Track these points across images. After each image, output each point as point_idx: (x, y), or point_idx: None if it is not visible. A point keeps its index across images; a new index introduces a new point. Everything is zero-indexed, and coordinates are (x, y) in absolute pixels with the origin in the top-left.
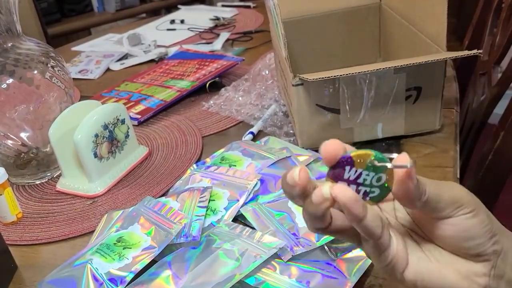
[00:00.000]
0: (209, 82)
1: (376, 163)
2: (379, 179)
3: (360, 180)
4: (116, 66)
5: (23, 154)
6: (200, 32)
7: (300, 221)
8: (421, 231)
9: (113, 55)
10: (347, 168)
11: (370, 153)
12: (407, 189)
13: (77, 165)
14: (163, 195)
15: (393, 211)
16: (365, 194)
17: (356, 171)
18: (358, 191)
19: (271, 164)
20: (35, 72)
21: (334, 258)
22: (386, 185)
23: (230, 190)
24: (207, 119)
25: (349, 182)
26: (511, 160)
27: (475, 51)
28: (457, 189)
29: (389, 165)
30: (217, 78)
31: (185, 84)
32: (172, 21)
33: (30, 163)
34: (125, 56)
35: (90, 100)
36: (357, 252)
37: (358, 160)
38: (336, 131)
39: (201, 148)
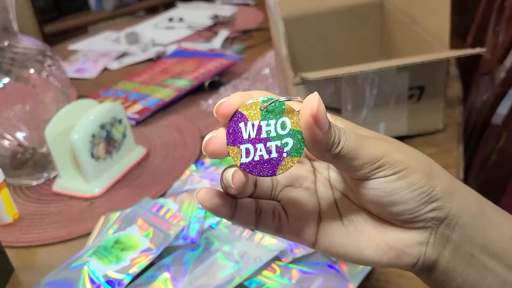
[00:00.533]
0: (208, 81)
1: (267, 106)
2: (283, 126)
3: (264, 135)
4: (114, 65)
5: (19, 154)
6: (199, 30)
7: None
8: (354, 197)
9: (111, 53)
10: (242, 125)
11: (258, 100)
12: (313, 135)
13: (74, 166)
14: (161, 196)
15: (327, 170)
16: (279, 150)
17: (252, 125)
18: (268, 150)
19: None
20: (32, 71)
21: (336, 260)
22: (295, 129)
23: None
24: (206, 118)
25: (253, 142)
26: None
27: (478, 49)
28: (384, 146)
29: (283, 98)
30: (216, 77)
31: (183, 83)
32: (171, 19)
33: (26, 164)
34: (123, 55)
35: (87, 99)
36: None
37: (249, 112)
38: None
39: (200, 148)
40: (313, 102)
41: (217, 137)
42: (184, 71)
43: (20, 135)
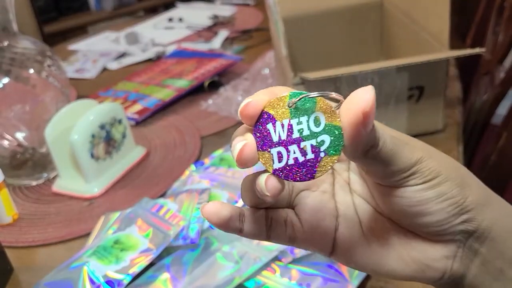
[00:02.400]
0: (208, 81)
1: (296, 102)
2: (317, 122)
3: (296, 134)
4: (113, 65)
5: (19, 154)
6: (198, 30)
7: None
8: (376, 205)
9: (110, 54)
10: (270, 127)
11: (284, 96)
12: (357, 133)
13: (73, 166)
14: (161, 196)
15: (347, 172)
16: (316, 150)
17: (282, 125)
18: (303, 151)
19: None
20: (31, 71)
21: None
22: (331, 125)
23: (229, 192)
24: (206, 119)
25: (285, 144)
26: None
27: (478, 49)
28: (417, 152)
29: (314, 94)
30: (216, 77)
31: (183, 83)
32: (170, 19)
33: (26, 164)
34: (122, 55)
35: (87, 99)
36: None
37: (276, 111)
38: None
39: (199, 148)
40: (368, 96)
41: (249, 143)
42: (183, 71)
43: (19, 135)
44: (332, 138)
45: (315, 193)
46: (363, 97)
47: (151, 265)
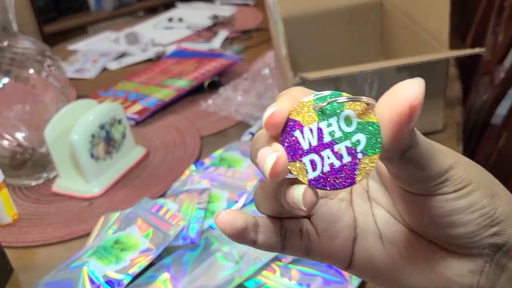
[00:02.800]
0: (207, 81)
1: (322, 104)
2: (348, 121)
3: (328, 138)
4: (113, 65)
5: (19, 154)
6: (198, 30)
7: None
8: (399, 215)
9: (110, 54)
10: (298, 134)
11: (309, 98)
12: (400, 131)
13: (73, 166)
14: (161, 196)
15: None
16: (352, 151)
17: (311, 130)
18: (338, 154)
19: None
20: (31, 71)
21: None
22: (364, 121)
23: (229, 192)
24: (206, 119)
25: (317, 150)
26: None
27: (478, 49)
28: (449, 158)
29: (343, 98)
30: (216, 77)
31: (183, 84)
32: (170, 19)
33: (26, 164)
34: (122, 55)
35: (87, 99)
36: None
37: (302, 116)
38: None
39: (199, 148)
40: (417, 90)
41: (282, 155)
42: (183, 71)
43: (19, 135)
44: (368, 136)
45: (333, 201)
46: (412, 90)
47: (151, 265)
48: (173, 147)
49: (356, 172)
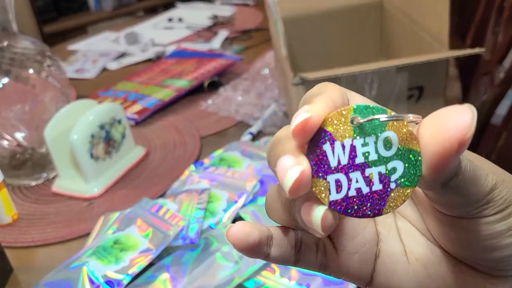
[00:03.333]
0: (207, 82)
1: (362, 120)
2: (387, 144)
3: (360, 159)
4: (113, 65)
5: (18, 154)
6: (198, 30)
7: None
8: (426, 230)
9: (110, 54)
10: (328, 148)
11: (347, 108)
12: (446, 164)
13: (73, 166)
14: (160, 196)
15: None
16: (385, 179)
17: (343, 146)
18: (368, 179)
19: None
20: (31, 71)
21: None
22: (406, 148)
23: (228, 192)
24: (206, 119)
25: (345, 170)
26: None
27: (477, 49)
28: (490, 177)
29: (385, 117)
30: (215, 78)
31: (183, 84)
32: (170, 19)
33: (25, 164)
34: (122, 55)
35: (87, 99)
36: None
37: (336, 127)
38: None
39: (199, 148)
40: (467, 121)
41: (307, 170)
42: (183, 72)
43: (19, 135)
44: (406, 165)
45: None
46: (463, 121)
47: (150, 265)
48: (173, 147)
49: (385, 204)
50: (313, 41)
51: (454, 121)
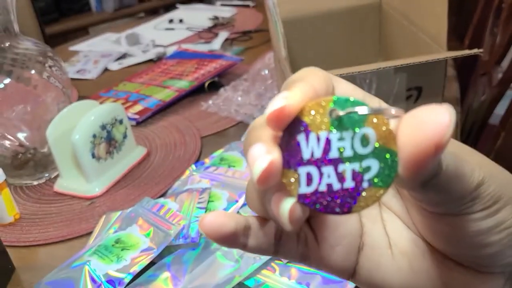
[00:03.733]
0: (208, 82)
1: (340, 112)
2: (364, 141)
3: (335, 154)
4: (114, 66)
5: (20, 154)
6: (198, 31)
7: None
8: (412, 224)
9: (111, 54)
10: (302, 139)
11: (327, 99)
12: (423, 167)
13: (75, 166)
14: (161, 196)
15: None
16: (358, 177)
17: (318, 138)
18: (341, 176)
19: None
20: (33, 72)
21: None
22: (383, 147)
23: (229, 191)
24: (206, 119)
25: (318, 164)
26: None
27: (475, 50)
28: (477, 172)
29: (365, 110)
30: (216, 78)
31: (183, 84)
32: (171, 21)
33: (27, 164)
34: (123, 56)
35: (88, 100)
36: None
37: (313, 118)
38: None
39: (200, 148)
40: (445, 122)
41: (277, 160)
42: (184, 72)
43: (21, 136)
44: (382, 165)
45: None
46: (439, 123)
47: (151, 264)
48: (173, 147)
49: (354, 203)
50: (313, 42)
51: (431, 123)
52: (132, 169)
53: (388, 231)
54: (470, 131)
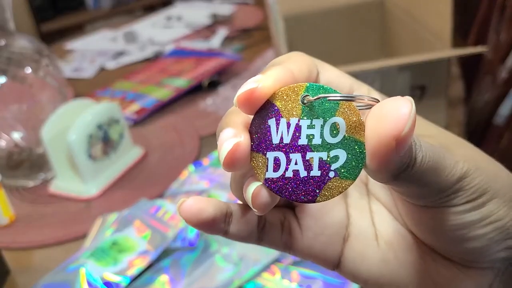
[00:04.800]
0: (207, 81)
1: (312, 98)
2: (334, 130)
3: (303, 141)
4: (111, 65)
5: (15, 155)
6: (197, 29)
7: None
8: (399, 215)
9: (108, 53)
10: (272, 123)
11: (300, 85)
12: (386, 160)
13: (70, 167)
14: (159, 197)
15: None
16: (324, 166)
17: (288, 124)
18: (308, 164)
19: None
20: (28, 70)
21: None
22: (352, 138)
23: (228, 193)
24: (205, 118)
25: (286, 150)
26: None
27: (480, 48)
28: (461, 164)
29: (338, 96)
30: (215, 77)
31: (182, 83)
32: (169, 18)
33: (23, 164)
34: (120, 54)
35: (84, 99)
36: None
37: (285, 103)
38: None
39: (198, 148)
40: (404, 114)
41: (243, 143)
42: (182, 71)
43: (16, 136)
44: (349, 156)
45: None
46: (398, 115)
47: (149, 267)
48: (171, 147)
49: (319, 192)
50: (314, 39)
51: (390, 116)
52: (129, 169)
53: (375, 222)
54: (474, 131)
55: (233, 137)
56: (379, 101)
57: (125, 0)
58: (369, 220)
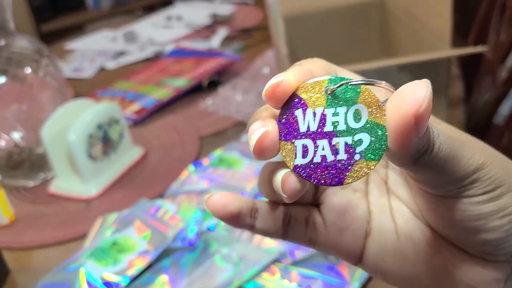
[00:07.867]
0: (207, 81)
1: (335, 89)
2: (357, 116)
3: (329, 128)
4: (111, 65)
5: (15, 155)
6: (197, 29)
7: None
8: (418, 211)
9: (108, 53)
10: (299, 113)
11: (323, 79)
12: (406, 139)
13: (70, 167)
14: (159, 197)
15: (385, 169)
16: (350, 150)
17: (314, 113)
18: (335, 148)
19: None
20: (28, 70)
21: (336, 262)
22: (374, 122)
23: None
24: (205, 119)
25: (313, 137)
26: None
27: (480, 48)
28: (477, 156)
29: (359, 81)
30: (215, 77)
31: (182, 83)
32: (169, 18)
33: (23, 164)
34: (120, 54)
35: (84, 99)
36: None
37: (310, 95)
38: None
39: (198, 148)
40: (421, 94)
41: (271, 131)
42: (182, 71)
43: (16, 136)
44: (372, 138)
45: (344, 191)
46: (416, 95)
47: (149, 267)
48: (171, 147)
49: (347, 174)
50: (314, 39)
51: (409, 96)
52: (129, 170)
53: (395, 218)
54: (474, 130)
55: (261, 127)
56: (395, 88)
57: (125, 0)
58: (389, 216)
